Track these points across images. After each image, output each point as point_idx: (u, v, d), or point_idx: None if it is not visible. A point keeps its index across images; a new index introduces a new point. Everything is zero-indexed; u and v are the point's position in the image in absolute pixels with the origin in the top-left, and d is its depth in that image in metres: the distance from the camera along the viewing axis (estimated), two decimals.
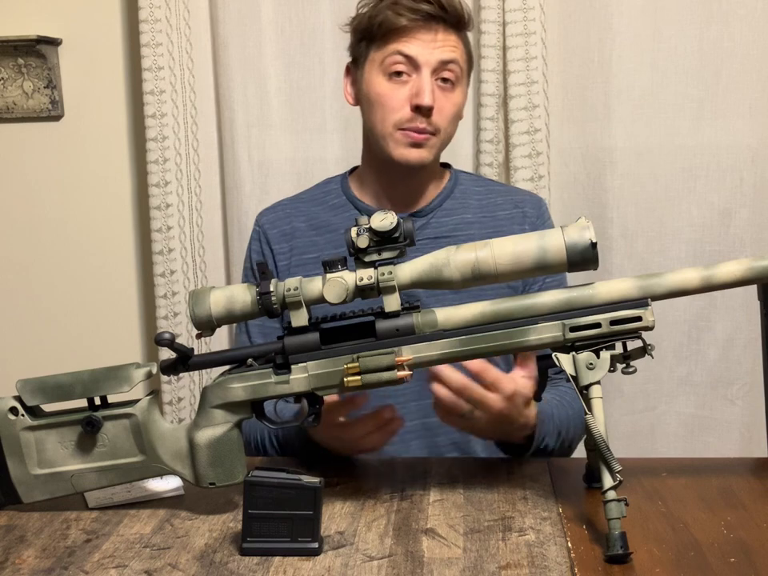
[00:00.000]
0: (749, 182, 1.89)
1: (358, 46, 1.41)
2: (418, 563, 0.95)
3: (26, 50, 2.04)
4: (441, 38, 1.36)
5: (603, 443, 0.98)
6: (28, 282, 2.16)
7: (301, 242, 1.46)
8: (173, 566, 0.97)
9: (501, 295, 1.08)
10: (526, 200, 1.50)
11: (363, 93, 1.41)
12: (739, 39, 1.84)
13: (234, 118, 1.95)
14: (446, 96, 1.37)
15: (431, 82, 1.35)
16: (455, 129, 1.43)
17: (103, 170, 2.11)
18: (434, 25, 1.35)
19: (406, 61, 1.35)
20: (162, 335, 1.06)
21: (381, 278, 1.03)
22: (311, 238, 1.46)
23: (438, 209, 1.45)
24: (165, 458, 1.10)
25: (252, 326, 1.46)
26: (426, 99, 1.34)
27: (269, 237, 1.48)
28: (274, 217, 1.50)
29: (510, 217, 1.46)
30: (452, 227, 1.44)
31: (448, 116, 1.38)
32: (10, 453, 1.10)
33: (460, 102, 1.41)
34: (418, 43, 1.35)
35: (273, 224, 1.49)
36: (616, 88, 1.88)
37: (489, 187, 1.52)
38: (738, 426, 1.96)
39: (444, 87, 1.37)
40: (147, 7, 1.93)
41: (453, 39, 1.37)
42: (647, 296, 1.02)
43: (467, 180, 1.52)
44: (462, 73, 1.39)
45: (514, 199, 1.49)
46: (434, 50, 1.35)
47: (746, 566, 0.93)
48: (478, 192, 1.50)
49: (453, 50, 1.37)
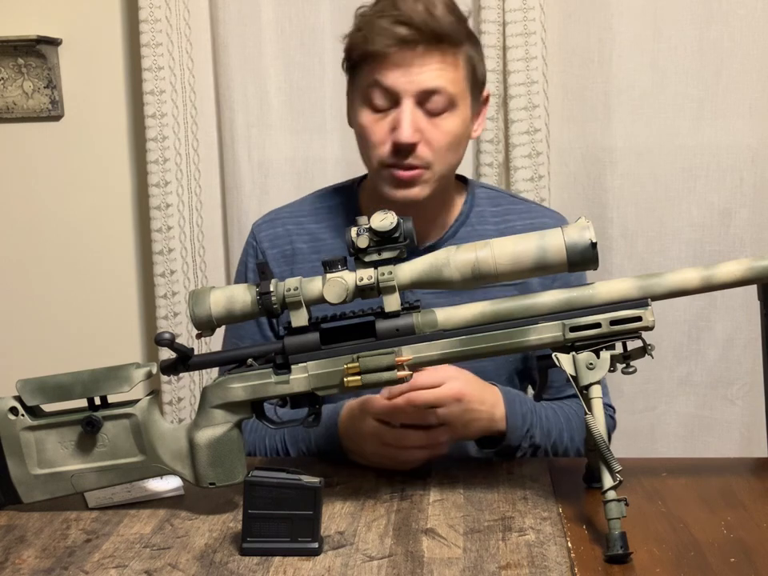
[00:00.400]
0: (749, 182, 1.89)
1: (347, 67, 1.32)
2: (418, 563, 0.95)
3: (25, 49, 2.04)
4: (421, 61, 1.21)
5: (603, 443, 0.98)
6: (28, 281, 2.16)
7: (303, 268, 1.36)
8: (173, 566, 0.97)
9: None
10: (547, 225, 1.33)
11: (353, 120, 1.32)
12: (739, 39, 1.84)
13: (233, 118, 1.95)
14: (435, 125, 1.24)
15: (411, 114, 1.23)
16: (457, 156, 1.30)
17: (103, 170, 2.11)
18: (412, 48, 1.21)
19: (384, 91, 1.24)
20: (162, 335, 1.06)
21: (381, 278, 1.03)
22: (313, 263, 1.35)
23: (452, 239, 1.35)
24: (165, 458, 1.10)
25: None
26: (403, 136, 1.22)
27: (267, 257, 1.39)
28: (273, 234, 1.40)
29: None
30: None
31: (440, 147, 1.25)
32: (10, 453, 1.10)
33: (455, 128, 1.26)
34: (396, 72, 1.22)
35: (272, 242, 1.40)
36: (616, 88, 1.88)
37: (508, 207, 1.41)
38: (738, 426, 1.96)
39: (433, 116, 1.24)
40: (147, 7, 1.93)
41: (438, 62, 1.22)
42: (647, 296, 1.02)
43: (484, 199, 1.40)
44: (455, 96, 1.25)
45: (534, 224, 1.36)
46: (413, 78, 1.22)
47: (746, 565, 0.93)
48: (494, 214, 1.39)
49: (438, 75, 1.22)
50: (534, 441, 1.25)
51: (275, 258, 1.39)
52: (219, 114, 1.99)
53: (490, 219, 1.39)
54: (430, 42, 1.21)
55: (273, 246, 1.40)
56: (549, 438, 1.28)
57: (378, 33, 1.21)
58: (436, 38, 1.21)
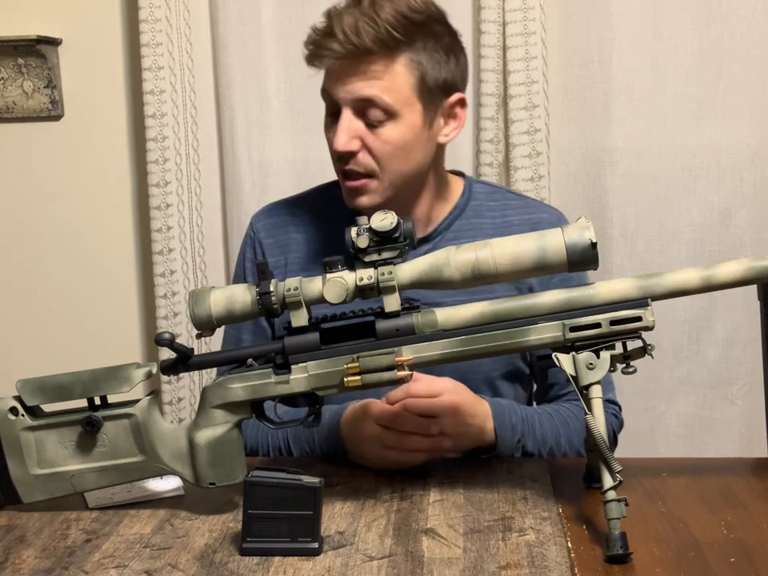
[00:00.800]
0: (749, 182, 1.89)
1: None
2: (418, 563, 0.95)
3: (25, 50, 2.04)
4: (358, 70, 1.22)
5: (603, 443, 0.98)
6: (28, 281, 2.16)
7: (297, 258, 1.39)
8: (173, 566, 0.97)
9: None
10: (544, 219, 1.38)
11: None
12: (739, 39, 1.84)
13: (233, 118, 1.95)
14: (374, 134, 1.25)
15: (348, 122, 1.24)
16: (409, 163, 1.28)
17: (103, 169, 2.11)
18: (345, 61, 1.22)
19: (331, 100, 1.27)
20: (162, 335, 1.06)
21: (381, 278, 1.03)
22: (307, 254, 1.38)
23: (446, 231, 1.36)
24: (165, 458, 1.10)
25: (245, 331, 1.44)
26: (337, 143, 1.25)
27: (264, 246, 1.41)
28: (271, 223, 1.43)
29: None
30: None
31: (382, 156, 1.25)
32: (10, 453, 1.10)
33: (396, 138, 1.25)
34: (336, 82, 1.25)
35: (269, 232, 1.42)
36: (616, 88, 1.88)
37: (505, 202, 1.41)
38: (738, 426, 1.96)
39: (372, 125, 1.25)
40: (147, 7, 1.93)
41: (376, 71, 1.22)
42: (647, 296, 1.02)
43: (482, 194, 1.40)
44: (393, 106, 1.23)
45: (531, 219, 1.37)
46: (350, 88, 1.23)
47: (746, 565, 0.93)
48: (491, 209, 1.39)
49: (371, 85, 1.22)
50: (525, 449, 1.26)
51: (270, 246, 1.41)
52: (219, 114, 1.99)
53: (486, 213, 1.39)
54: (356, 55, 1.22)
55: (269, 235, 1.42)
56: (544, 444, 1.28)
57: (317, 47, 1.25)
58: (364, 52, 1.21)
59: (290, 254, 1.40)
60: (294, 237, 1.41)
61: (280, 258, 1.40)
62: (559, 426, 1.30)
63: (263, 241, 1.42)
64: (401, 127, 1.25)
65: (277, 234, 1.42)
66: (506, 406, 1.26)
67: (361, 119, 1.25)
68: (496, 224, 1.37)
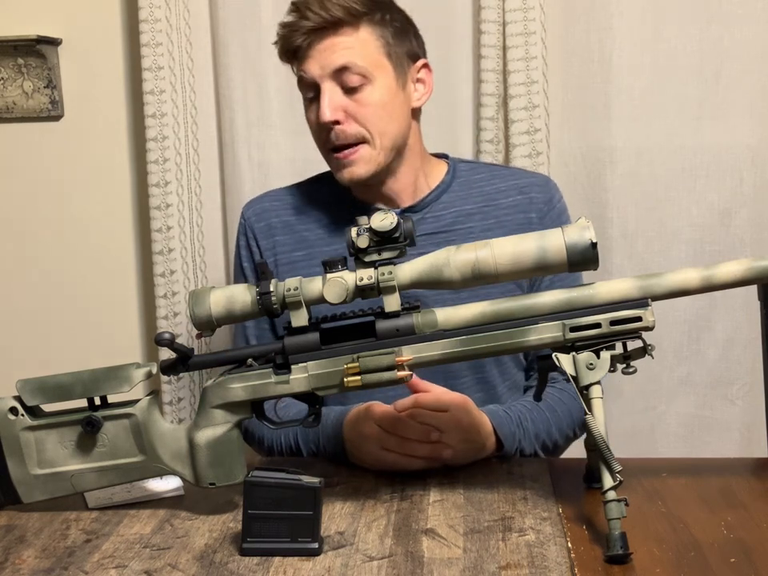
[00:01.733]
0: (749, 182, 1.89)
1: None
2: (418, 563, 0.95)
3: (25, 50, 2.04)
4: (330, 44, 1.31)
5: (603, 443, 0.98)
6: (28, 282, 2.16)
7: (289, 239, 1.44)
8: (173, 566, 0.97)
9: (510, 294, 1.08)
10: (533, 183, 1.44)
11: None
12: (739, 39, 1.84)
13: (233, 118, 1.95)
14: (355, 101, 1.32)
15: (329, 94, 1.31)
16: (396, 125, 1.36)
17: (103, 169, 2.11)
18: (322, 34, 1.31)
19: (308, 83, 1.34)
20: (162, 335, 1.06)
21: (381, 278, 1.03)
22: (301, 233, 1.43)
23: (433, 203, 1.42)
24: (165, 458, 1.10)
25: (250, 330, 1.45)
26: (323, 116, 1.31)
27: (255, 231, 1.46)
28: (260, 209, 1.48)
29: (514, 204, 1.41)
30: (451, 221, 1.40)
31: (368, 119, 1.32)
32: (10, 453, 1.10)
33: (376, 99, 1.33)
34: (309, 61, 1.33)
35: (259, 216, 1.47)
36: (616, 88, 1.87)
37: (492, 172, 1.47)
38: (738, 426, 1.96)
39: (350, 91, 1.32)
40: (147, 7, 1.92)
41: (343, 40, 1.31)
42: (647, 296, 1.02)
43: (466, 170, 1.46)
44: (369, 68, 1.32)
45: (518, 184, 1.43)
46: (323, 63, 1.31)
47: (746, 565, 0.93)
48: (479, 180, 1.45)
49: (344, 54, 1.31)
50: (523, 452, 1.28)
51: (261, 230, 1.46)
52: (219, 113, 1.99)
53: (474, 185, 1.44)
54: (327, 27, 1.31)
55: (259, 219, 1.47)
56: (538, 441, 1.30)
57: (289, 29, 1.34)
58: (332, 24, 1.31)
59: (282, 236, 1.44)
60: (287, 219, 1.46)
61: (270, 240, 1.45)
62: (548, 416, 1.32)
63: (254, 225, 1.47)
64: (378, 89, 1.33)
65: (267, 218, 1.47)
66: (503, 417, 1.27)
67: (340, 89, 1.32)
68: (484, 192, 1.43)
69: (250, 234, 1.47)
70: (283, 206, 1.47)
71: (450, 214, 1.41)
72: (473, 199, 1.42)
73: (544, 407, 1.32)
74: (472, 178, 1.45)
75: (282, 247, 1.43)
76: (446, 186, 1.43)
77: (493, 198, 1.42)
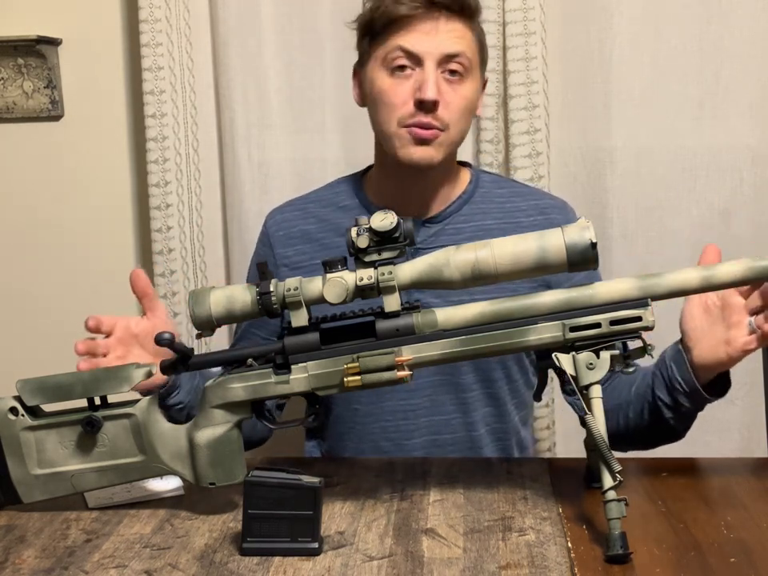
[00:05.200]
0: (749, 182, 1.89)
1: (362, 43, 1.36)
2: (418, 563, 0.95)
3: (25, 50, 2.03)
4: (444, 28, 1.29)
5: (603, 443, 0.98)
6: (28, 282, 2.16)
7: (309, 248, 1.41)
8: (173, 566, 0.97)
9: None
10: (552, 206, 1.43)
11: (367, 92, 1.36)
12: (739, 39, 1.84)
13: (234, 118, 1.95)
14: (453, 89, 1.30)
15: (435, 75, 1.28)
16: (468, 125, 1.36)
17: (103, 170, 2.11)
18: (435, 13, 1.28)
19: (408, 55, 1.29)
20: (162, 335, 1.06)
21: (381, 278, 1.03)
22: (320, 241, 1.41)
23: (455, 214, 1.39)
24: (165, 458, 1.10)
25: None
26: (429, 93, 1.27)
27: (273, 240, 1.44)
28: (281, 219, 1.46)
29: (535, 224, 1.37)
30: (470, 235, 1.36)
31: (457, 110, 1.31)
32: (10, 453, 1.10)
33: (470, 95, 1.33)
34: (419, 36, 1.28)
35: (279, 226, 1.45)
36: (616, 88, 1.87)
37: (512, 189, 1.45)
38: (738, 426, 1.96)
39: (451, 80, 1.30)
40: (147, 7, 1.92)
41: (458, 28, 1.30)
42: (647, 296, 1.02)
43: (489, 182, 1.44)
44: (471, 64, 1.32)
45: (538, 204, 1.41)
46: (437, 42, 1.28)
47: (746, 565, 0.93)
48: (500, 195, 1.42)
49: (458, 41, 1.30)
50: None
51: (280, 239, 1.44)
52: (219, 113, 1.99)
53: (495, 199, 1.41)
54: (452, 8, 1.29)
55: (279, 228, 1.45)
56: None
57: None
58: (458, 5, 1.29)
59: (303, 245, 1.42)
60: (307, 228, 1.43)
61: (290, 249, 1.43)
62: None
63: (273, 235, 1.45)
64: (470, 85, 1.33)
65: (287, 228, 1.45)
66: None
67: (440, 73, 1.30)
68: (504, 209, 1.40)
69: (266, 242, 1.46)
70: (303, 216, 1.44)
71: (469, 228, 1.39)
72: (493, 215, 1.39)
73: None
74: (493, 191, 1.43)
75: (302, 256, 1.41)
76: (467, 195, 1.41)
77: (513, 215, 1.40)
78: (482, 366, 1.36)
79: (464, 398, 1.37)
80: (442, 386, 1.36)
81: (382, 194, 1.41)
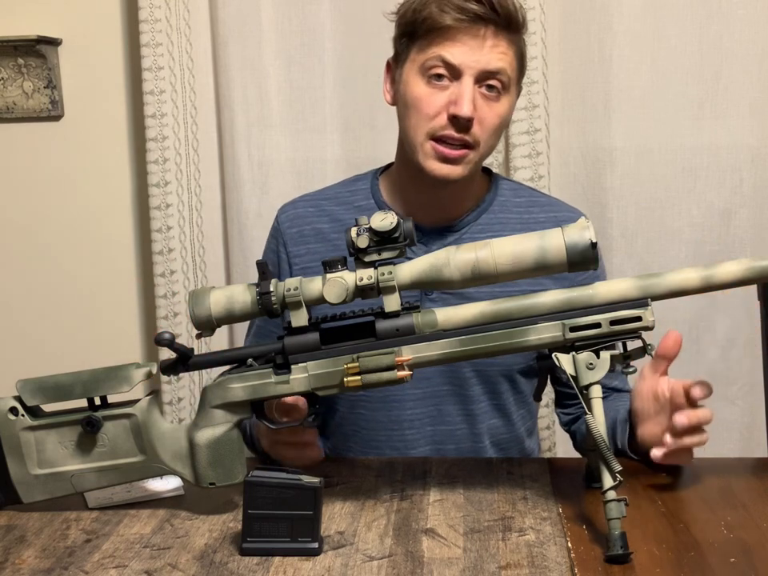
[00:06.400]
0: (749, 182, 1.89)
1: (401, 41, 1.31)
2: (418, 563, 0.95)
3: (25, 50, 2.04)
4: (489, 43, 1.24)
5: (603, 443, 0.98)
6: (28, 282, 2.16)
7: (321, 247, 1.38)
8: (173, 566, 0.97)
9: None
10: (570, 219, 1.33)
11: (401, 93, 1.31)
12: (739, 39, 1.84)
13: (233, 118, 1.95)
14: (489, 106, 1.26)
15: (472, 91, 1.24)
16: (497, 141, 1.33)
17: (103, 170, 2.11)
18: (482, 27, 1.23)
19: (447, 66, 1.25)
20: (162, 335, 1.06)
21: (381, 278, 1.03)
22: (333, 242, 1.38)
23: (472, 223, 1.36)
24: (165, 458, 1.10)
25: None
26: (465, 109, 1.23)
27: (285, 237, 1.41)
28: (294, 214, 1.43)
29: None
30: None
31: (490, 128, 1.27)
32: (10, 453, 1.10)
33: (505, 112, 1.29)
34: (462, 49, 1.24)
35: (292, 222, 1.42)
36: (616, 88, 1.88)
37: (531, 199, 1.42)
38: (738, 426, 1.96)
39: (488, 96, 1.26)
40: (147, 7, 1.93)
41: (503, 45, 1.25)
42: (647, 296, 1.02)
43: (508, 190, 1.42)
44: (510, 81, 1.28)
45: (557, 217, 1.37)
46: (479, 57, 1.24)
47: (746, 566, 0.93)
48: (517, 204, 1.40)
49: (501, 58, 1.25)
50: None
51: (293, 237, 1.41)
52: (219, 113, 1.99)
53: (513, 209, 1.39)
54: (499, 23, 1.24)
55: (292, 225, 1.42)
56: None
57: (452, 6, 1.23)
58: (505, 21, 1.25)
59: (316, 244, 1.40)
60: (320, 227, 1.40)
61: (302, 247, 1.40)
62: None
63: (286, 231, 1.42)
64: (507, 103, 1.29)
65: (300, 225, 1.42)
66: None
67: (477, 89, 1.26)
68: (522, 219, 1.38)
69: (280, 239, 1.42)
70: (317, 213, 1.41)
71: (486, 238, 1.37)
72: (511, 225, 1.36)
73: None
74: (512, 200, 1.40)
75: (314, 255, 1.38)
76: (487, 205, 1.38)
77: (531, 227, 1.33)
78: (489, 379, 1.36)
79: (471, 409, 1.37)
80: (450, 397, 1.36)
81: (399, 197, 1.38)
